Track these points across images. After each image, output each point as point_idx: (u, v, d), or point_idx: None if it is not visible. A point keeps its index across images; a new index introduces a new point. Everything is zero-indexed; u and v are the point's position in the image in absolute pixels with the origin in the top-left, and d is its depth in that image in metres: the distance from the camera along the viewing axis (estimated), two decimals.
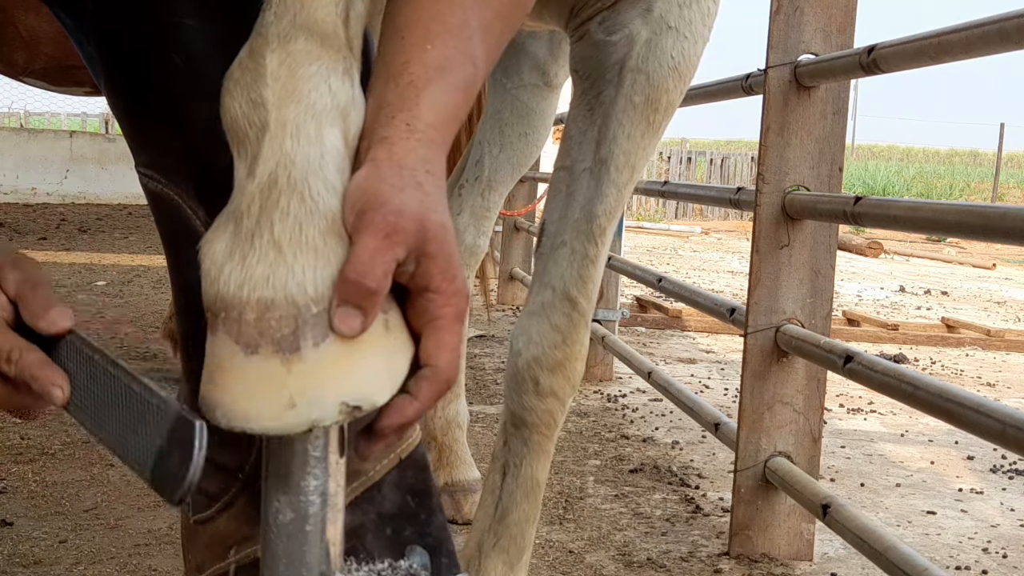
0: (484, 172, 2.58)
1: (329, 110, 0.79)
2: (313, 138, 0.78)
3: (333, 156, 0.79)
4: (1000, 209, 1.62)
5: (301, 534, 0.80)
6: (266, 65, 0.79)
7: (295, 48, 0.79)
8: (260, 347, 0.75)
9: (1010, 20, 1.63)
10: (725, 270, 9.77)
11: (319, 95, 0.79)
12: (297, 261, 0.76)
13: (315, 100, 0.79)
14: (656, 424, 3.61)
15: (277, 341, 0.75)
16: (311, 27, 0.80)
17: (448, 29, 0.84)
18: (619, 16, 1.51)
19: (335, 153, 0.79)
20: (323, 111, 0.79)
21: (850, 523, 2.01)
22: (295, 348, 0.75)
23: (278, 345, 0.75)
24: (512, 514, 1.62)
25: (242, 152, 0.79)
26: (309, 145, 0.78)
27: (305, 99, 0.78)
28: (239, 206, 0.78)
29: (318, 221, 0.76)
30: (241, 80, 0.79)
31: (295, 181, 0.77)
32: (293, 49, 0.79)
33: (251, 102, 0.78)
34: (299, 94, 0.78)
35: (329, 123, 0.79)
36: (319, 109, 0.79)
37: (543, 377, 1.57)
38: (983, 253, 12.98)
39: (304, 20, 0.79)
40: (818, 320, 2.39)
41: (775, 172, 2.37)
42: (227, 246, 0.77)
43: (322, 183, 0.77)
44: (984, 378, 5.00)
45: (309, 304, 0.75)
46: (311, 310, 0.75)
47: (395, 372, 0.80)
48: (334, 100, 0.79)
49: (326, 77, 0.80)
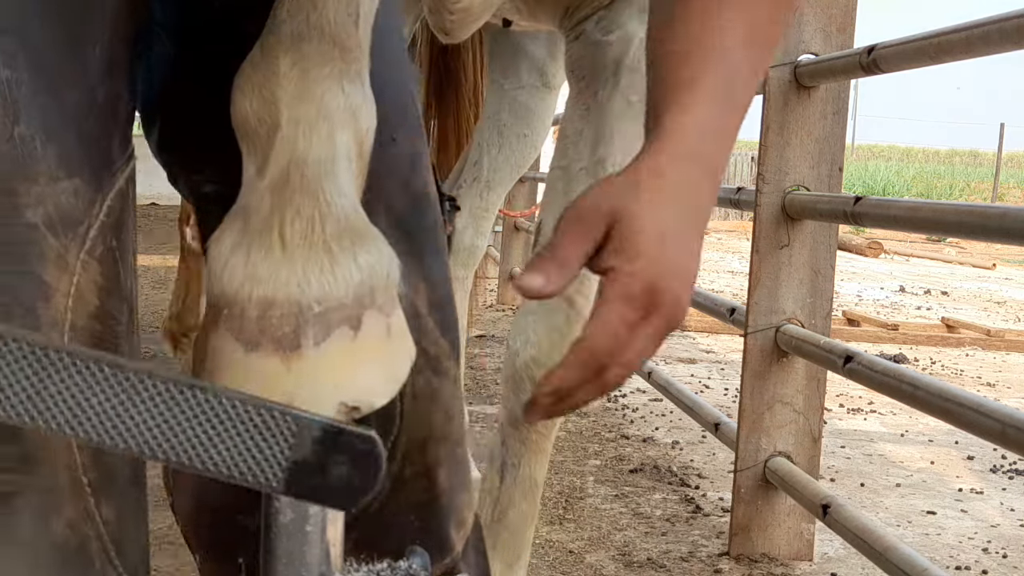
0: (483, 172, 2.58)
1: (342, 111, 0.79)
2: (325, 139, 0.78)
3: (344, 158, 0.79)
4: (1000, 209, 1.62)
5: (301, 534, 0.79)
6: (279, 64, 0.79)
7: (308, 48, 0.79)
8: (261, 344, 0.75)
9: (1010, 20, 1.63)
10: (725, 270, 9.77)
11: (332, 96, 0.79)
12: (305, 260, 0.76)
13: (328, 101, 0.78)
14: (656, 424, 3.61)
15: (278, 339, 0.75)
16: (324, 27, 0.79)
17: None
18: (614, 16, 1.51)
19: (346, 155, 0.79)
20: (335, 112, 0.79)
21: (850, 523, 2.01)
22: (295, 346, 0.75)
23: (279, 343, 0.75)
24: (510, 514, 1.61)
25: (252, 150, 0.79)
26: (321, 146, 0.78)
27: (318, 100, 0.78)
28: (249, 203, 0.78)
29: (331, 223, 0.76)
30: (253, 77, 0.79)
31: (308, 181, 0.77)
32: (307, 49, 0.79)
33: (263, 100, 0.78)
34: (312, 94, 0.78)
35: (341, 125, 0.79)
36: (331, 110, 0.78)
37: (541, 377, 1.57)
38: (983, 253, 12.98)
39: (317, 20, 0.79)
40: (818, 320, 2.39)
41: (775, 172, 2.37)
42: (234, 242, 0.77)
43: (334, 185, 0.78)
44: (984, 378, 5.00)
45: (312, 303, 0.75)
46: (313, 309, 0.75)
47: (395, 376, 0.80)
48: (347, 101, 0.79)
49: (339, 78, 0.79)
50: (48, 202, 0.72)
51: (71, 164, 0.74)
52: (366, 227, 0.80)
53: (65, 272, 0.73)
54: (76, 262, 0.74)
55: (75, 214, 0.74)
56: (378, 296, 0.79)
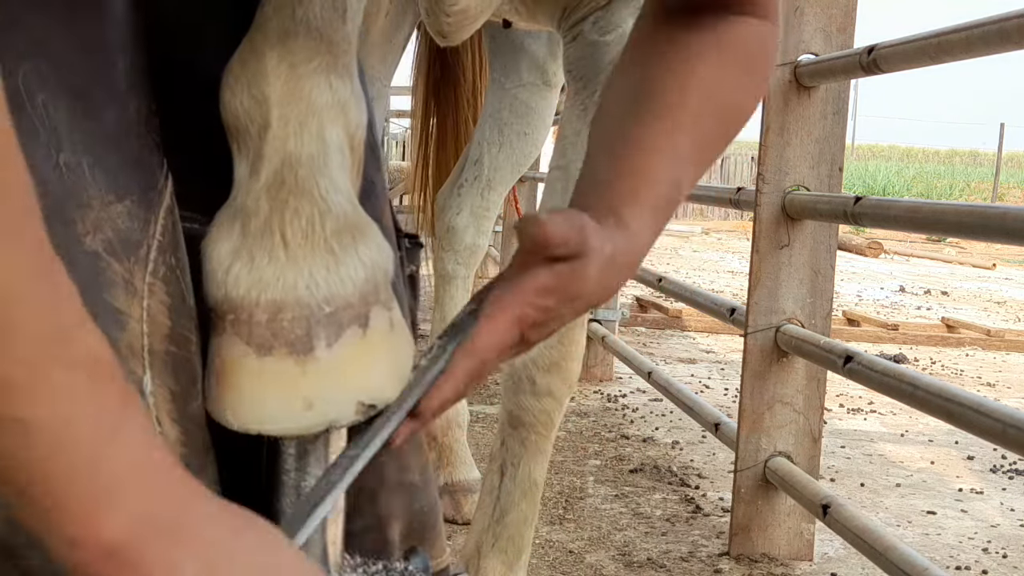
0: (484, 171, 2.58)
1: (331, 107, 0.79)
2: (316, 136, 0.78)
3: (336, 154, 0.79)
4: (1000, 209, 1.61)
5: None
6: (266, 61, 0.78)
7: (295, 44, 0.79)
8: (274, 348, 0.75)
9: (1010, 20, 1.62)
10: (725, 270, 9.77)
11: (320, 92, 0.78)
12: (309, 261, 0.76)
13: (316, 97, 0.78)
14: (656, 424, 3.61)
15: (291, 342, 0.75)
16: (310, 22, 0.79)
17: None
18: (612, 16, 1.51)
19: (338, 151, 0.79)
20: (324, 108, 0.78)
21: (850, 523, 2.01)
22: (309, 349, 0.75)
23: (292, 346, 0.75)
24: (510, 514, 1.61)
25: (243, 149, 0.79)
26: (312, 143, 0.77)
27: (306, 96, 0.78)
28: (244, 205, 0.77)
29: (330, 221, 0.76)
30: (241, 76, 0.79)
31: (303, 180, 0.76)
32: (293, 45, 0.78)
33: (252, 98, 0.78)
34: (300, 91, 0.78)
35: (331, 120, 0.79)
36: (320, 106, 0.78)
37: (539, 377, 1.57)
38: (983, 253, 12.97)
39: (303, 15, 0.79)
40: (818, 320, 2.39)
41: (775, 172, 2.37)
42: (233, 246, 0.76)
43: (329, 181, 0.77)
44: (984, 378, 4.99)
45: (321, 304, 0.75)
46: (323, 310, 0.75)
47: (402, 368, 0.80)
48: (335, 97, 0.79)
49: (326, 73, 0.79)
50: (106, 227, 0.71)
51: (119, 186, 0.72)
52: (363, 220, 0.80)
53: (135, 297, 0.72)
54: (143, 286, 0.73)
55: (133, 236, 0.72)
56: (381, 292, 0.79)
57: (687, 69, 0.90)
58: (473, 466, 2.61)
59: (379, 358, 0.78)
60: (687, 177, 0.90)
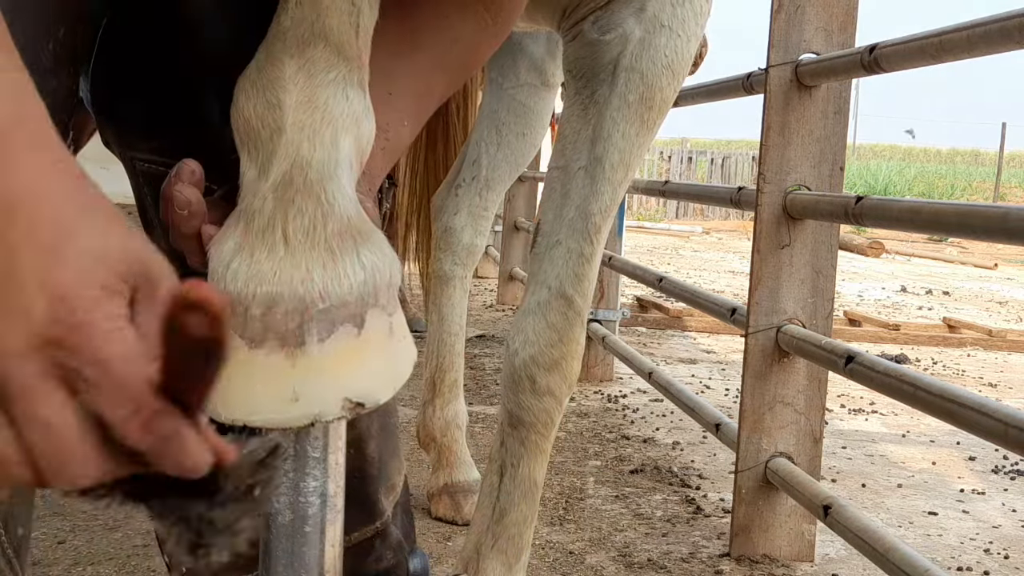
0: (481, 171, 2.58)
1: (345, 117, 0.80)
2: (329, 144, 0.79)
3: (347, 162, 0.80)
4: (1002, 209, 1.61)
5: (300, 535, 0.80)
6: (284, 69, 0.80)
7: (314, 55, 0.80)
8: (265, 341, 0.75)
9: (1012, 19, 1.62)
10: (726, 270, 9.76)
11: (336, 102, 0.80)
12: (307, 258, 0.76)
13: (332, 107, 0.80)
14: (657, 425, 3.61)
15: (283, 335, 0.75)
16: (328, 35, 0.81)
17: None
18: (612, 15, 1.50)
19: (348, 159, 0.80)
20: (340, 118, 0.80)
21: (851, 524, 2.00)
22: (300, 343, 0.75)
23: (284, 339, 0.75)
24: (510, 515, 1.61)
25: (253, 153, 0.80)
26: (325, 150, 0.79)
27: (323, 105, 0.80)
28: (250, 205, 0.78)
29: (333, 222, 0.78)
30: (258, 82, 0.80)
31: (311, 183, 0.78)
32: (312, 55, 0.80)
33: (268, 104, 0.79)
34: (317, 100, 0.80)
35: (344, 130, 0.80)
36: (336, 116, 0.80)
37: (540, 376, 1.57)
38: (985, 253, 12.97)
39: (321, 28, 0.81)
40: (819, 320, 2.38)
41: (776, 172, 2.36)
42: (236, 244, 0.78)
43: (336, 186, 0.79)
44: (986, 378, 4.99)
45: (316, 300, 0.76)
46: (318, 306, 0.76)
47: (398, 374, 0.80)
48: (350, 108, 0.81)
49: (343, 85, 0.81)
50: None
51: None
52: (368, 227, 0.81)
53: None
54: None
55: None
56: (381, 295, 0.79)
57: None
58: (473, 466, 2.61)
59: (372, 359, 0.78)
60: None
